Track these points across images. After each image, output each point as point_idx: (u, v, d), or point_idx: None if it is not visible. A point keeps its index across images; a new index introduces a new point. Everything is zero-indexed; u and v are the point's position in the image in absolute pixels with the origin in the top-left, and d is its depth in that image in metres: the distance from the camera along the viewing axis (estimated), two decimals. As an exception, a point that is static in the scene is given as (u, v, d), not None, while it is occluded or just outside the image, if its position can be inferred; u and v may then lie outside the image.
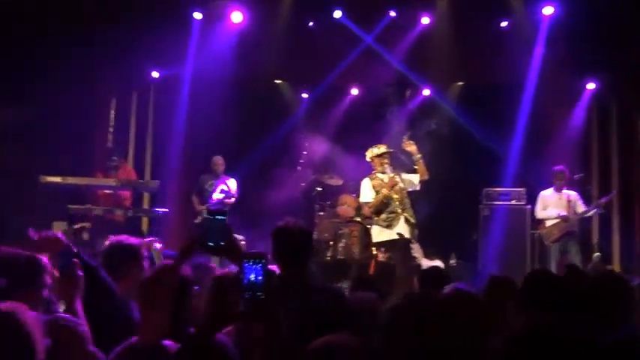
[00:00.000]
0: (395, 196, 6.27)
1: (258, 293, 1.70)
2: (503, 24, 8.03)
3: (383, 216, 6.31)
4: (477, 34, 7.93)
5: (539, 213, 7.18)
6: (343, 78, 8.74)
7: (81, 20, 6.90)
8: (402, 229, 6.28)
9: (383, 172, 6.36)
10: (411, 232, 6.35)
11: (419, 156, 6.32)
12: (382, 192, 6.27)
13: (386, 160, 6.35)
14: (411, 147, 6.33)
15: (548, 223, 7.07)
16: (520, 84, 8.06)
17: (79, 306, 2.39)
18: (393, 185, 6.27)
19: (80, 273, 2.46)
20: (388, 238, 6.30)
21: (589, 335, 1.49)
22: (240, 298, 1.71)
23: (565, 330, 1.41)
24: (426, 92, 8.89)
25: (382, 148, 6.42)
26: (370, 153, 6.48)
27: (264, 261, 1.72)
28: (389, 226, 6.30)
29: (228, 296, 1.74)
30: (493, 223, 7.56)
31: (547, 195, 7.17)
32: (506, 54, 7.85)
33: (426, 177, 6.37)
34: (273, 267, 3.02)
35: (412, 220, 6.32)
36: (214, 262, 4.08)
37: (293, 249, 2.81)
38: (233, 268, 2.00)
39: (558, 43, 7.65)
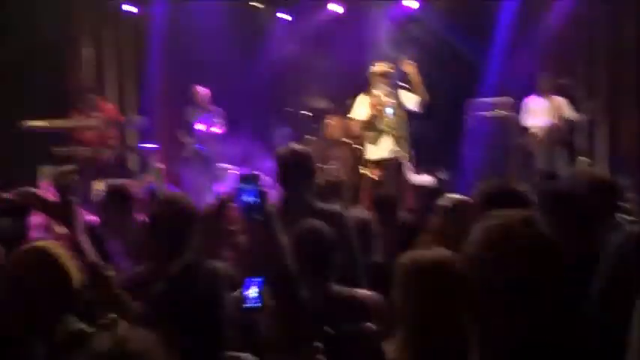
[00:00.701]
0: (380, 114, 6.22)
1: (254, 214, 1.74)
2: None
3: (370, 133, 6.31)
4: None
5: (526, 120, 7.13)
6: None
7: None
8: (389, 147, 6.27)
9: (377, 90, 6.28)
10: (403, 151, 6.30)
11: (418, 78, 6.17)
12: (368, 111, 6.24)
13: (382, 79, 6.23)
14: (409, 68, 6.20)
15: (534, 129, 7.03)
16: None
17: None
18: (375, 105, 6.21)
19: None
20: (378, 157, 6.32)
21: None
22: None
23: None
24: (415, 5, 8.61)
25: (381, 67, 6.28)
26: (370, 69, 6.35)
27: (257, 182, 1.73)
28: (374, 144, 6.31)
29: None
30: (479, 134, 7.54)
31: (533, 101, 7.10)
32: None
33: (426, 98, 6.25)
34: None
35: (403, 140, 6.28)
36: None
37: (294, 171, 2.85)
38: None
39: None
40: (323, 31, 8.69)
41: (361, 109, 6.34)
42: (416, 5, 8.52)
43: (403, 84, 6.40)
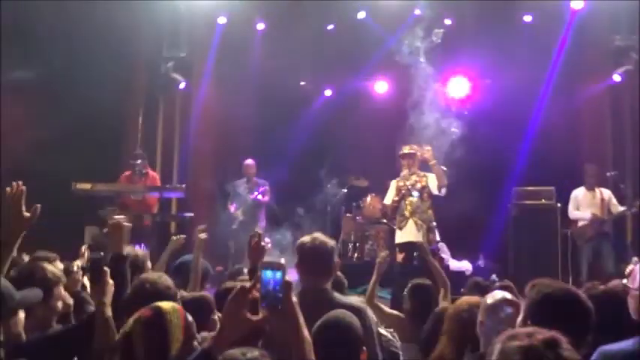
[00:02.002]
0: (405, 198, 6.20)
1: (275, 304, 1.67)
2: (527, 18, 7.94)
3: (399, 219, 6.32)
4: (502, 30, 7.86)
5: (572, 213, 7.00)
6: (368, 77, 8.73)
7: (114, 30, 7.07)
8: (410, 233, 6.20)
9: (403, 173, 6.32)
10: (424, 236, 6.18)
11: (434, 162, 6.20)
12: (392, 197, 6.30)
13: (404, 162, 6.28)
14: (426, 153, 6.23)
15: (581, 223, 6.90)
16: (542, 80, 7.95)
17: (108, 311, 2.47)
18: (400, 189, 6.22)
19: (109, 280, 2.53)
20: (401, 241, 6.27)
21: None
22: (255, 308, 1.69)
23: None
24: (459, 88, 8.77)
25: (404, 149, 6.36)
26: (399, 153, 6.44)
27: (282, 271, 1.68)
28: (400, 229, 6.27)
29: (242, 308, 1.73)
30: (523, 223, 7.42)
31: (580, 194, 6.99)
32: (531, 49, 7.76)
33: (444, 182, 6.22)
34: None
35: (423, 224, 6.21)
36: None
37: (314, 264, 2.80)
38: None
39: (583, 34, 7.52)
40: (368, 108, 8.82)
41: (390, 193, 6.36)
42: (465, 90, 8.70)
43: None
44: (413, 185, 6.23)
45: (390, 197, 6.37)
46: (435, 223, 6.41)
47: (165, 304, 2.07)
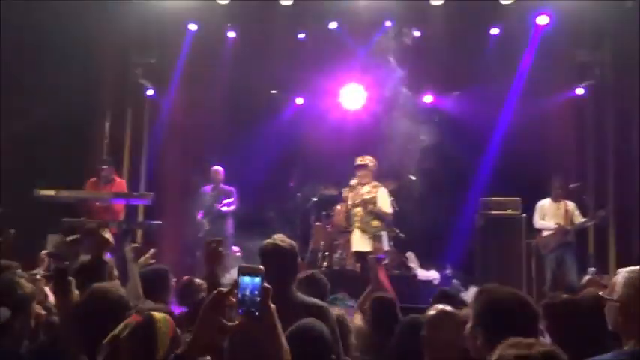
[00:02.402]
0: (355, 210, 6.33)
1: (252, 309, 1.64)
2: (494, 31, 8.14)
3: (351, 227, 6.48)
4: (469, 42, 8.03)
5: (537, 223, 7.16)
6: (337, 86, 8.78)
7: (81, 34, 6.96)
8: (357, 242, 6.41)
9: (354, 184, 6.42)
10: (372, 245, 6.41)
11: (371, 207, 6.38)
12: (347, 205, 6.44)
13: (358, 172, 6.35)
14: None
15: (545, 233, 7.05)
16: (509, 91, 8.14)
17: None
18: (346, 200, 6.41)
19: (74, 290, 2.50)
20: (352, 249, 6.53)
21: None
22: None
23: None
24: (429, 99, 8.92)
25: (357, 160, 6.44)
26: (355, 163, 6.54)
27: (260, 276, 1.62)
28: (353, 237, 6.49)
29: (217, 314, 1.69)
30: (488, 233, 7.54)
31: (545, 205, 7.15)
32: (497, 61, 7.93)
33: (387, 218, 6.48)
34: None
35: (367, 234, 6.39)
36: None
37: (277, 264, 2.81)
38: None
39: (549, 48, 7.74)
40: (339, 117, 8.86)
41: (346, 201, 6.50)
42: (430, 99, 8.86)
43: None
44: (361, 196, 6.28)
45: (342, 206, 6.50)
46: (383, 232, 6.52)
47: (157, 314, 2.08)
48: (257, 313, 1.61)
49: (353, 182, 6.44)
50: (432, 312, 2.65)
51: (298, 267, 3.00)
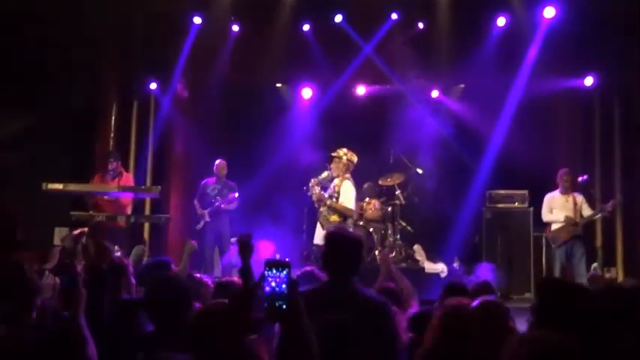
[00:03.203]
0: (323, 203, 6.25)
1: (279, 303, 1.60)
2: (501, 22, 8.09)
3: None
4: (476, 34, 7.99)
5: (546, 216, 7.10)
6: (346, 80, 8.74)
7: (81, 29, 6.91)
8: (318, 237, 6.28)
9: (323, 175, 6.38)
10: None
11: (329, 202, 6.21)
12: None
13: (332, 164, 6.32)
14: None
15: (555, 227, 7.01)
16: (519, 84, 8.10)
17: (82, 319, 2.39)
18: (312, 191, 6.30)
19: (82, 289, 2.46)
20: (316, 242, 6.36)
21: None
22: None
23: None
24: (435, 94, 8.88)
25: (337, 152, 6.37)
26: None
27: (287, 270, 1.60)
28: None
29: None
30: (496, 226, 7.52)
31: (553, 197, 7.11)
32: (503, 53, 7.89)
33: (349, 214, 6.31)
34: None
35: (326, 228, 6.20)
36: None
37: (345, 256, 2.77)
38: None
39: (556, 41, 7.69)
40: (348, 109, 8.76)
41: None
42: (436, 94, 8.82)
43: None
44: (326, 189, 6.29)
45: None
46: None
47: None
48: (284, 307, 1.58)
49: (323, 174, 6.34)
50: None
51: (362, 259, 2.90)
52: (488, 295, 2.89)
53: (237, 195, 7.42)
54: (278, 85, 9.10)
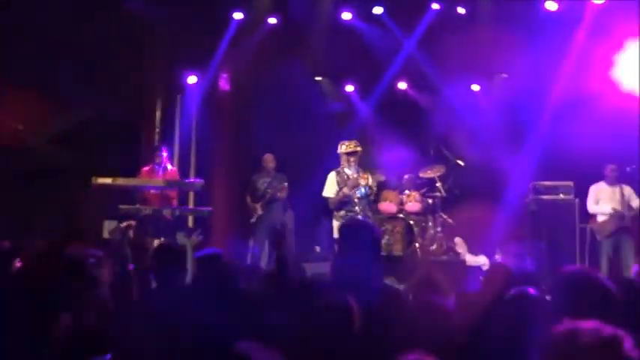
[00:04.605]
0: (356, 195, 6.24)
1: None
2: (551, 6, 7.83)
3: (342, 212, 6.31)
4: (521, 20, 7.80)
5: (592, 207, 6.96)
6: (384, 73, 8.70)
7: (130, 24, 7.11)
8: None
9: (349, 170, 6.34)
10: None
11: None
12: (343, 190, 6.25)
13: (352, 159, 6.31)
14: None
15: (601, 218, 6.85)
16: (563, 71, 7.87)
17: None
18: (354, 186, 6.25)
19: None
20: None
21: None
22: None
23: None
24: (476, 88, 8.76)
25: (351, 146, 6.35)
26: (339, 149, 6.42)
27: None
28: None
29: None
30: (540, 218, 7.39)
31: (599, 188, 6.94)
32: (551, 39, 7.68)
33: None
34: None
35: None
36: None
37: (355, 241, 2.87)
38: None
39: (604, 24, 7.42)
40: (388, 104, 8.76)
41: (331, 186, 6.34)
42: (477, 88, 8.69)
43: None
44: (354, 186, 6.29)
45: (330, 191, 6.35)
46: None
47: None
48: None
49: (352, 170, 6.35)
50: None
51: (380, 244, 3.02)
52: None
53: (286, 184, 7.56)
54: (318, 78, 9.15)
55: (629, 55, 7.44)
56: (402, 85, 8.91)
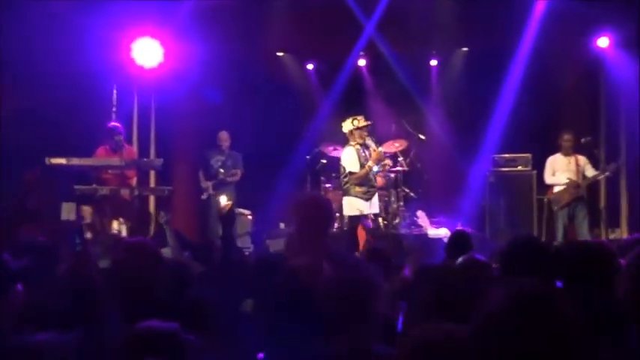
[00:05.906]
0: (374, 170, 6.35)
1: None
2: None
3: (364, 189, 6.34)
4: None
5: (548, 178, 7.11)
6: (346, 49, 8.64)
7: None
8: (375, 204, 6.49)
9: (365, 145, 6.33)
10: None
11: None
12: (368, 165, 6.28)
13: (366, 133, 6.35)
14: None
15: (557, 189, 7.01)
16: (523, 45, 7.92)
17: None
18: (380, 160, 6.29)
19: None
20: (368, 211, 6.44)
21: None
22: None
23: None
24: (434, 63, 8.79)
25: (362, 121, 6.37)
26: (349, 125, 6.40)
27: None
28: (368, 200, 6.39)
29: None
30: (499, 190, 7.52)
31: (556, 160, 7.09)
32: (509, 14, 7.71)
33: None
34: None
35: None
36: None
37: (313, 219, 2.92)
38: None
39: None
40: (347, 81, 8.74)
41: (355, 161, 6.33)
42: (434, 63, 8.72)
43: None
44: (378, 159, 6.37)
45: (356, 166, 6.33)
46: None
47: None
48: None
49: (372, 144, 6.39)
50: None
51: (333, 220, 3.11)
52: None
53: (240, 172, 7.50)
54: (279, 53, 9.03)
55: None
56: (362, 62, 8.88)
